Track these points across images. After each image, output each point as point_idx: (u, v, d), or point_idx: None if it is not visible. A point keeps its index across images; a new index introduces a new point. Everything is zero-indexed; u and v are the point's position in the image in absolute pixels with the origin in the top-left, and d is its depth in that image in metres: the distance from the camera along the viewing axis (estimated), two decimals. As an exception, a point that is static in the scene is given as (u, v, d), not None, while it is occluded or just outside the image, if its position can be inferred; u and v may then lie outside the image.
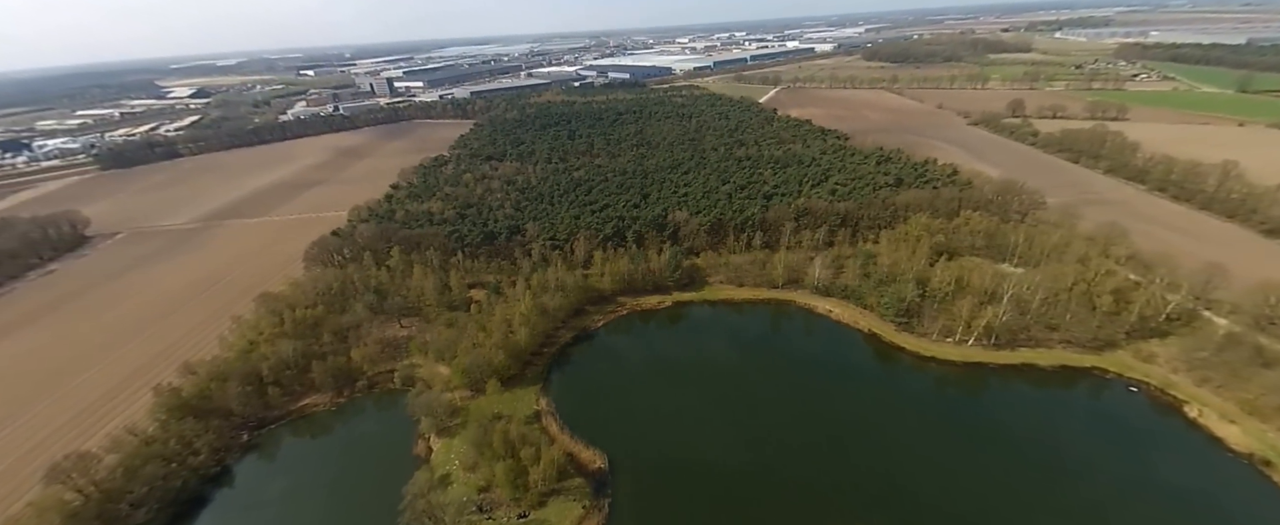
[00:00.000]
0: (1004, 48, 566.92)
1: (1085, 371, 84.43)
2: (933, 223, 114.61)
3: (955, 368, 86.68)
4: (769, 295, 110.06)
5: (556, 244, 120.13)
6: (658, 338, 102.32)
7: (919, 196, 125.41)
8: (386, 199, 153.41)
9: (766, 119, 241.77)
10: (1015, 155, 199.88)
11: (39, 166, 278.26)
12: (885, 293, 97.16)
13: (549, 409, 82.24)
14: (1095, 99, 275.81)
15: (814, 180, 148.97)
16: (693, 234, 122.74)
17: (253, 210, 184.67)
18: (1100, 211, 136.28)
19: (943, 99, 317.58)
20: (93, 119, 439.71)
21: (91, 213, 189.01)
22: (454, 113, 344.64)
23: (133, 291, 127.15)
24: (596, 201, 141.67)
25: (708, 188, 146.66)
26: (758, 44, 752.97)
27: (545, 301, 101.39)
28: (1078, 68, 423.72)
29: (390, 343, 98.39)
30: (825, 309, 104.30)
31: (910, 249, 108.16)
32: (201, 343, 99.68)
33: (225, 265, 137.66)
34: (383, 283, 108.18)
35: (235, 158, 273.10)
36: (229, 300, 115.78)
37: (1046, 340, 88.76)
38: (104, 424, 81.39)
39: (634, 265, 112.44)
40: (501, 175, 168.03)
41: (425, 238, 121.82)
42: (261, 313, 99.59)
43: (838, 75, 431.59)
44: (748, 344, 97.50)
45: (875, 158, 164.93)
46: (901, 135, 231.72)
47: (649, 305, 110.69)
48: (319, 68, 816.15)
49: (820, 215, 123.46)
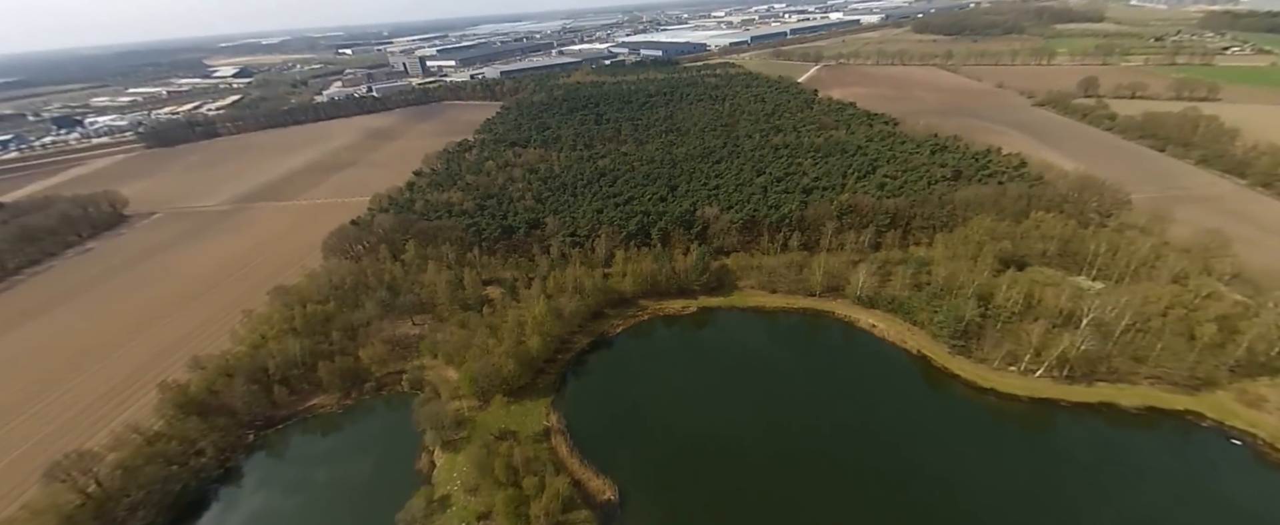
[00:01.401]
0: (1072, 17, 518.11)
1: (1177, 416, 72.12)
2: (997, 226, 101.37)
3: (1019, 403, 75.74)
4: (805, 304, 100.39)
5: (577, 241, 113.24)
6: (680, 348, 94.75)
7: (981, 193, 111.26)
8: (408, 187, 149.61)
9: (806, 101, 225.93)
10: (1090, 142, 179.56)
11: (90, 143, 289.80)
12: (939, 308, 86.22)
13: (559, 426, 76.48)
14: (1180, 76, 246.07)
15: (859, 172, 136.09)
16: (723, 232, 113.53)
17: (283, 193, 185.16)
18: (1194, 211, 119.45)
19: (1004, 76, 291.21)
20: (142, 96, 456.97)
21: (132, 192, 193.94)
22: (483, 94, 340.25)
23: (159, 276, 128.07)
24: (621, 193, 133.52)
25: (741, 180, 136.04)
26: (798, 16, 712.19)
27: (561, 304, 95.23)
28: (1157, 40, 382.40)
29: (401, 341, 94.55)
30: (868, 323, 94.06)
31: (970, 257, 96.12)
32: (215, 335, 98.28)
33: (250, 250, 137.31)
34: (397, 278, 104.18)
35: (270, 138, 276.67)
36: (249, 288, 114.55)
37: (1131, 374, 76.35)
38: (110, 419, 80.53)
39: (658, 266, 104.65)
40: (525, 163, 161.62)
41: (443, 230, 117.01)
42: (274, 306, 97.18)
43: (885, 50, 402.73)
44: (778, 361, 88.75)
45: (929, 146, 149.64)
46: (958, 119, 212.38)
47: (672, 310, 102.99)
48: (356, 46, 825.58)
49: (866, 213, 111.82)
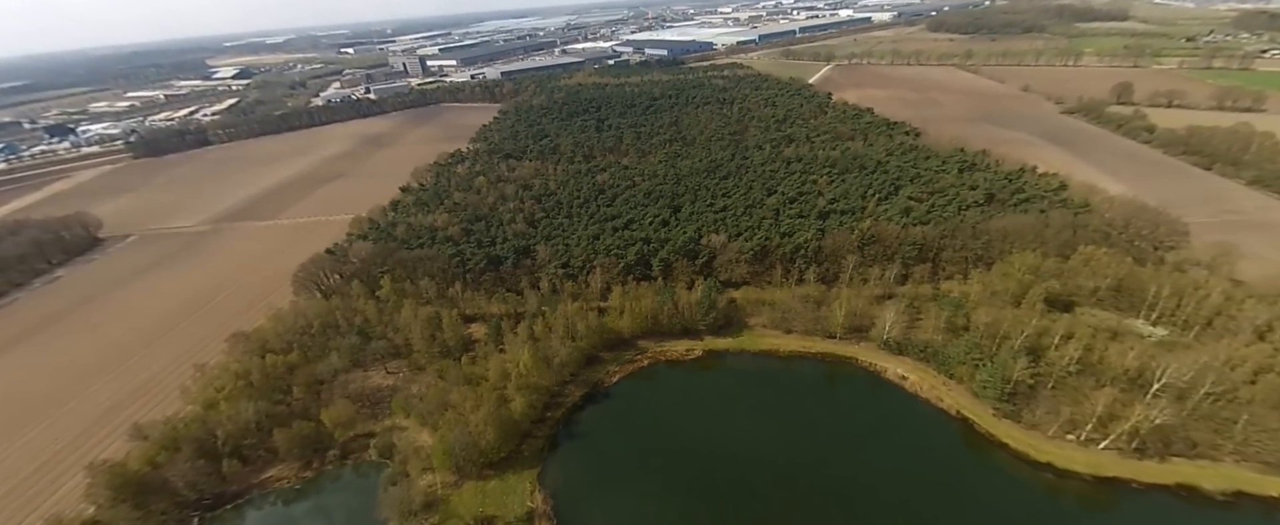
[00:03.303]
0: (1094, 15, 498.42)
1: (1274, 504, 60.95)
2: (1042, 263, 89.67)
3: (1079, 480, 64.64)
4: (824, 348, 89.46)
5: (570, 273, 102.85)
6: (683, 402, 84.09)
7: (1020, 224, 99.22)
8: (392, 206, 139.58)
9: (820, 106, 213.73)
10: (1127, 157, 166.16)
11: (79, 154, 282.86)
12: (980, 361, 75.11)
13: (545, 508, 66.27)
14: (1221, 82, 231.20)
15: (880, 192, 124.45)
16: (731, 263, 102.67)
17: (265, 211, 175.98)
18: (1254, 240, 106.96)
19: (1028, 78, 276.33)
20: (140, 101, 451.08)
21: (112, 209, 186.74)
22: (482, 96, 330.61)
23: (117, 314, 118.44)
24: (620, 215, 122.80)
25: (751, 200, 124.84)
26: (807, 13, 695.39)
27: (551, 350, 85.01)
28: (1189, 40, 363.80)
29: (371, 396, 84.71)
30: (897, 374, 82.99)
31: (1012, 298, 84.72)
32: (165, 391, 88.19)
33: (220, 281, 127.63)
34: (370, 319, 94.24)
35: (261, 147, 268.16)
36: (212, 329, 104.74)
37: (1213, 450, 65.13)
38: (34, 506, 71.05)
39: (659, 303, 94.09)
40: (519, 178, 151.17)
41: (424, 261, 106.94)
42: (232, 355, 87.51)
43: (900, 49, 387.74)
44: (796, 418, 77.99)
45: (956, 163, 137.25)
46: (982, 126, 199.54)
47: (675, 353, 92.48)
48: (359, 45, 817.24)
49: (890, 244, 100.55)
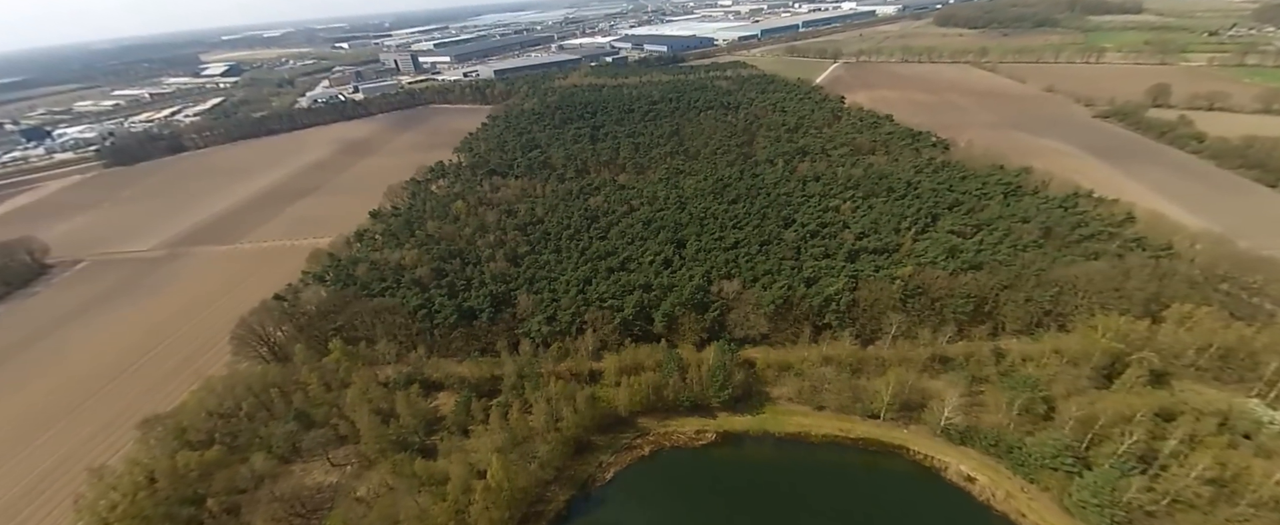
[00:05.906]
0: (1108, 8, 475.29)
1: None
2: (1131, 326, 73.13)
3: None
4: (865, 433, 73.31)
5: (557, 331, 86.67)
6: (694, 504, 68.14)
7: (1095, 273, 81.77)
8: (358, 236, 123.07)
9: (833, 112, 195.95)
10: (1177, 171, 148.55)
11: (51, 160, 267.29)
12: (1074, 469, 59.06)
13: None
14: (1262, 82, 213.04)
15: (917, 222, 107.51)
16: (747, 318, 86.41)
17: (227, 232, 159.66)
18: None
19: (1050, 77, 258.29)
20: (125, 100, 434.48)
21: (66, 230, 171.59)
22: (473, 97, 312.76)
23: (43, 369, 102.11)
24: (616, 251, 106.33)
25: (766, 234, 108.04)
26: (810, 7, 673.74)
27: (531, 445, 69.20)
28: (1212, 35, 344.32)
29: (309, 499, 68.76)
30: (961, 473, 66.73)
31: (1096, 371, 68.41)
32: (56, 499, 72.26)
33: (158, 326, 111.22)
34: (314, 394, 78.31)
35: (237, 153, 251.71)
36: (132, 399, 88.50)
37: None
38: None
39: (664, 374, 78.18)
40: (502, 201, 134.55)
41: (384, 313, 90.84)
42: (140, 450, 71.55)
43: (910, 46, 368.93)
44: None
45: (998, 185, 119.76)
46: (1012, 135, 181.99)
47: (682, 437, 76.54)
48: (355, 39, 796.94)
49: (939, 296, 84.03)
